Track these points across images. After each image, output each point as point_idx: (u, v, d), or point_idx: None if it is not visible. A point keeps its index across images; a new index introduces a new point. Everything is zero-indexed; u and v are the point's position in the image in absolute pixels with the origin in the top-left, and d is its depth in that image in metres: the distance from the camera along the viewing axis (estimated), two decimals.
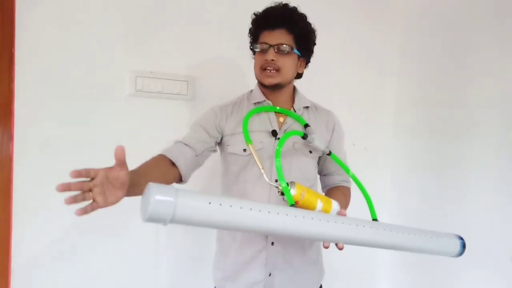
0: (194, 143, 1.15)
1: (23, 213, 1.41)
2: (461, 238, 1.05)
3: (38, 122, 1.42)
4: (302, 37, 1.19)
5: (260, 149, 1.17)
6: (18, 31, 1.37)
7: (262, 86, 1.23)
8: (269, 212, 0.77)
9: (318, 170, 1.32)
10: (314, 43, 1.25)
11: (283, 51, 1.16)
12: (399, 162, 2.10)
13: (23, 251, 1.42)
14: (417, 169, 1.99)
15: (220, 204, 0.73)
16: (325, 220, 0.82)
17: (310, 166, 1.25)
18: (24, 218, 1.41)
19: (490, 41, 1.63)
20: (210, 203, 0.72)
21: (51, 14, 1.42)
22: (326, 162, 1.30)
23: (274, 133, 1.19)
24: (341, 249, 0.90)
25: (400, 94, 2.12)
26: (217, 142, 1.23)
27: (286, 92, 1.25)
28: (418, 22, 2.01)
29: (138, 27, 1.56)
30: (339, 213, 0.94)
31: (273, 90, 1.22)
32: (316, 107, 1.32)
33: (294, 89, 1.30)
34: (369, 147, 2.08)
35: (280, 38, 1.16)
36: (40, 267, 1.45)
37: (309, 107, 1.29)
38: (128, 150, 1.54)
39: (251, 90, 1.30)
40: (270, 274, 1.20)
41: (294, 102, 1.27)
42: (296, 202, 0.91)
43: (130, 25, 1.54)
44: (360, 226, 0.85)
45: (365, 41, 2.05)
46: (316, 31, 1.24)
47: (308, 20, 1.21)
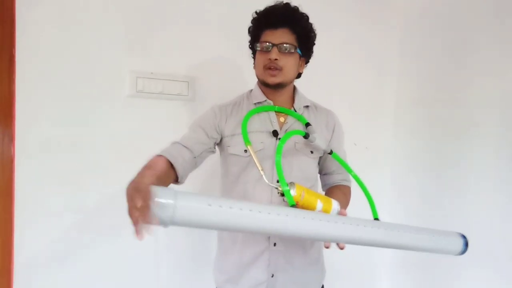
0: (192, 145, 1.14)
1: (25, 213, 1.41)
2: (463, 236, 1.05)
3: (39, 123, 1.42)
4: (304, 36, 1.19)
5: (261, 149, 1.16)
6: (18, 32, 1.37)
7: (264, 86, 1.21)
8: (269, 213, 0.77)
9: (318, 169, 1.31)
10: (314, 43, 1.25)
11: (287, 51, 1.15)
12: (399, 162, 2.09)
13: (25, 251, 1.42)
14: (417, 169, 1.98)
15: (220, 205, 0.73)
16: (325, 220, 0.82)
17: (311, 166, 1.25)
18: (25, 218, 1.41)
19: (490, 41, 1.62)
20: (210, 205, 0.72)
21: (51, 14, 1.42)
22: (327, 161, 1.30)
23: (275, 133, 1.18)
24: (342, 248, 0.90)
25: (400, 94, 2.11)
26: (216, 143, 1.22)
27: (287, 91, 1.24)
28: (418, 22, 2.01)
29: (138, 28, 1.56)
30: (340, 213, 0.94)
31: (274, 90, 1.20)
32: (316, 107, 1.31)
33: (294, 88, 1.29)
34: (369, 147, 2.08)
35: (283, 37, 1.15)
36: (41, 267, 1.45)
37: (309, 107, 1.28)
38: (128, 150, 1.56)
39: (251, 90, 1.29)
40: (272, 275, 1.18)
41: (294, 101, 1.26)
42: (296, 203, 0.90)
43: (130, 25, 1.54)
44: (360, 225, 0.85)
45: (365, 41, 2.05)
46: (316, 31, 1.23)
47: (309, 20, 1.20)
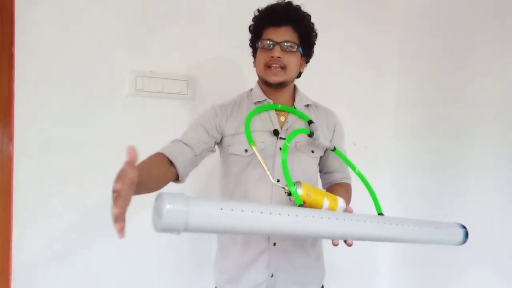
0: (193, 143, 1.13)
1: (24, 213, 1.40)
2: (463, 226, 1.06)
3: (38, 122, 1.41)
4: (306, 35, 1.19)
5: (261, 149, 1.15)
6: (18, 31, 1.36)
7: (265, 85, 1.20)
8: (279, 214, 0.77)
9: (318, 169, 1.31)
10: (315, 43, 1.25)
11: (289, 49, 1.15)
12: (399, 162, 2.09)
13: (24, 251, 1.41)
14: (417, 169, 1.97)
15: (231, 209, 0.72)
16: (334, 218, 0.82)
17: (312, 166, 1.25)
18: (24, 218, 1.40)
19: (490, 40, 1.62)
20: (222, 209, 0.71)
21: (51, 13, 1.41)
22: (328, 160, 1.30)
23: (276, 132, 1.18)
24: (350, 245, 0.90)
25: (400, 94, 2.11)
26: (216, 142, 1.21)
27: (288, 90, 1.24)
28: (418, 22, 2.01)
29: (138, 27, 1.55)
30: (346, 210, 0.94)
31: (275, 89, 1.20)
32: (316, 106, 1.31)
33: (295, 87, 1.29)
34: (369, 147, 2.08)
35: (286, 35, 1.15)
36: (40, 267, 1.44)
37: (309, 106, 1.28)
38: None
39: (251, 89, 1.28)
40: (272, 275, 1.18)
41: (294, 100, 1.26)
42: (303, 202, 0.90)
43: (130, 24, 1.54)
44: (368, 221, 0.86)
45: (364, 41, 2.06)
46: (317, 31, 1.24)
47: (311, 19, 1.21)
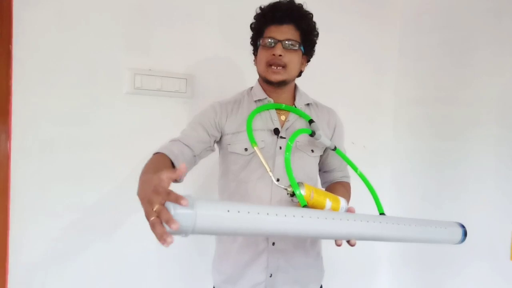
0: (193, 143, 1.12)
1: (21, 212, 1.39)
2: (462, 225, 1.08)
3: (36, 121, 1.40)
4: (308, 34, 1.19)
5: (261, 148, 1.15)
6: (16, 28, 1.34)
7: (266, 83, 1.20)
8: (285, 215, 0.77)
9: (318, 168, 1.32)
10: (316, 42, 1.25)
11: (291, 47, 1.14)
12: (399, 161, 2.09)
13: (21, 251, 1.40)
14: (416, 168, 1.98)
15: (238, 211, 0.72)
16: (338, 218, 0.83)
17: (312, 165, 1.25)
18: (22, 217, 1.39)
19: (488, 39, 1.63)
20: (228, 211, 0.71)
21: (49, 11, 1.39)
22: (328, 159, 1.30)
23: (276, 131, 1.17)
24: (353, 245, 0.91)
25: (399, 93, 2.11)
26: (215, 141, 1.21)
27: (288, 89, 1.24)
28: (417, 21, 2.01)
29: (136, 25, 1.54)
30: (349, 210, 0.95)
31: (276, 87, 1.19)
32: (317, 105, 1.31)
33: (295, 86, 1.29)
34: (368, 146, 2.08)
35: (288, 33, 1.14)
36: (37, 267, 1.43)
37: (310, 105, 1.28)
38: (127, 148, 1.55)
39: (251, 87, 1.28)
40: (271, 275, 1.18)
41: (295, 99, 1.25)
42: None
43: (128, 22, 1.52)
44: (370, 222, 0.87)
45: (364, 40, 2.05)
46: (318, 30, 1.24)
47: (313, 18, 1.20)
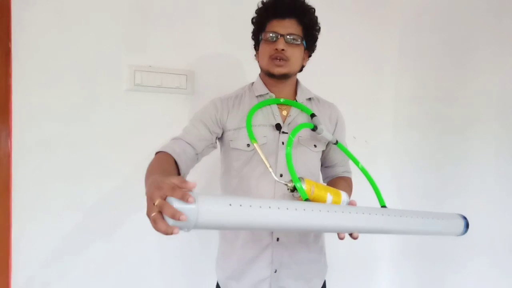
0: (195, 141, 1.12)
1: (23, 211, 1.39)
2: (464, 217, 1.07)
3: (36, 119, 1.40)
4: (310, 29, 1.18)
5: (264, 143, 1.15)
6: (14, 26, 1.34)
7: (269, 76, 1.19)
8: (287, 208, 0.77)
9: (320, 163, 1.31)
10: (318, 37, 1.24)
11: (293, 42, 1.14)
12: (399, 157, 2.08)
13: (23, 249, 1.40)
14: (416, 164, 1.97)
15: (240, 205, 0.72)
16: (340, 211, 0.82)
17: (315, 160, 1.25)
18: (23, 216, 1.39)
19: (488, 38, 1.63)
20: (230, 205, 0.71)
21: (48, 9, 1.39)
22: (330, 154, 1.30)
23: (278, 126, 1.17)
24: (356, 238, 0.90)
25: (399, 91, 2.10)
26: (217, 137, 1.21)
27: (290, 84, 1.23)
28: (417, 19, 2.00)
29: (136, 21, 1.53)
30: (350, 203, 0.94)
31: (278, 81, 1.19)
32: (318, 99, 1.30)
33: (297, 81, 1.28)
34: (369, 142, 2.08)
35: (290, 28, 1.14)
36: (40, 265, 1.44)
37: (312, 99, 1.28)
38: (127, 145, 1.54)
39: (252, 83, 1.28)
40: (275, 271, 1.18)
41: (296, 94, 1.25)
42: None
43: (128, 19, 1.52)
44: (373, 214, 0.87)
45: (364, 38, 2.04)
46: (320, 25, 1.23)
47: (315, 13, 1.19)
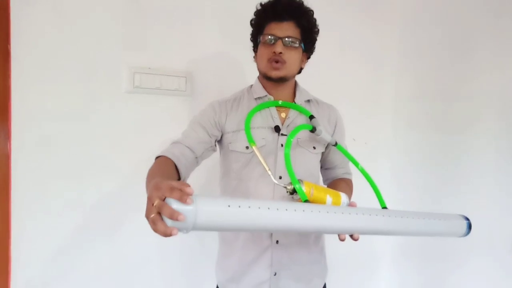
0: (194, 145, 1.12)
1: (22, 211, 1.39)
2: (467, 218, 1.07)
3: (36, 119, 1.40)
4: (308, 31, 1.18)
5: (263, 146, 1.15)
6: (14, 27, 1.34)
7: (267, 79, 1.19)
8: (286, 209, 0.77)
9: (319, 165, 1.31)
10: (316, 39, 1.24)
11: (291, 44, 1.14)
12: (399, 157, 2.09)
13: (23, 249, 1.40)
14: (416, 163, 1.98)
15: (239, 206, 0.73)
16: (340, 212, 0.83)
17: (314, 162, 1.25)
18: (23, 215, 1.39)
19: (488, 36, 1.63)
20: (229, 206, 0.72)
21: (47, 8, 1.39)
22: (330, 156, 1.30)
23: (277, 128, 1.17)
24: (356, 240, 0.90)
25: (399, 89, 2.11)
26: (216, 140, 1.21)
27: (288, 86, 1.23)
28: (416, 18, 2.01)
29: (135, 23, 1.54)
30: (350, 204, 0.94)
31: (276, 84, 1.19)
32: (317, 101, 1.31)
33: (295, 83, 1.28)
34: (368, 143, 2.08)
35: (288, 30, 1.14)
36: (40, 265, 1.43)
37: (310, 101, 1.28)
38: (126, 146, 1.55)
39: (251, 85, 1.28)
40: (275, 274, 1.17)
41: (295, 96, 1.25)
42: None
43: (127, 20, 1.52)
44: (373, 215, 0.87)
45: (363, 37, 2.05)
46: (318, 27, 1.23)
47: (313, 15, 1.20)
